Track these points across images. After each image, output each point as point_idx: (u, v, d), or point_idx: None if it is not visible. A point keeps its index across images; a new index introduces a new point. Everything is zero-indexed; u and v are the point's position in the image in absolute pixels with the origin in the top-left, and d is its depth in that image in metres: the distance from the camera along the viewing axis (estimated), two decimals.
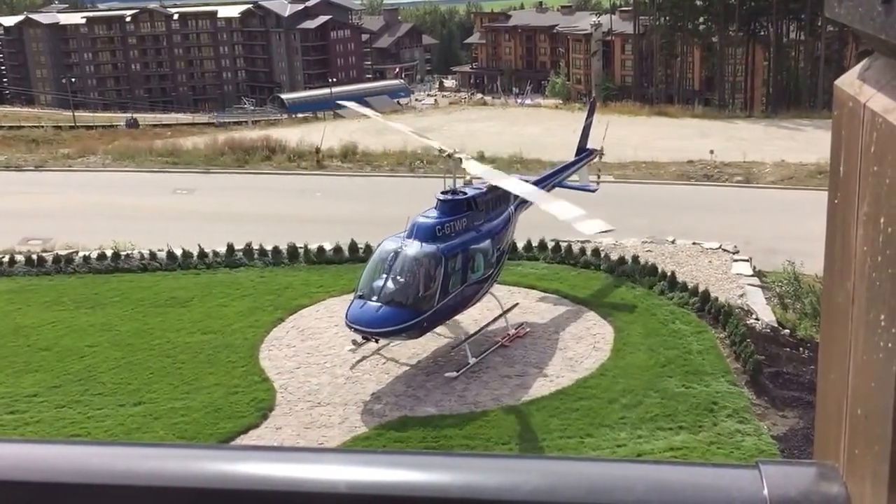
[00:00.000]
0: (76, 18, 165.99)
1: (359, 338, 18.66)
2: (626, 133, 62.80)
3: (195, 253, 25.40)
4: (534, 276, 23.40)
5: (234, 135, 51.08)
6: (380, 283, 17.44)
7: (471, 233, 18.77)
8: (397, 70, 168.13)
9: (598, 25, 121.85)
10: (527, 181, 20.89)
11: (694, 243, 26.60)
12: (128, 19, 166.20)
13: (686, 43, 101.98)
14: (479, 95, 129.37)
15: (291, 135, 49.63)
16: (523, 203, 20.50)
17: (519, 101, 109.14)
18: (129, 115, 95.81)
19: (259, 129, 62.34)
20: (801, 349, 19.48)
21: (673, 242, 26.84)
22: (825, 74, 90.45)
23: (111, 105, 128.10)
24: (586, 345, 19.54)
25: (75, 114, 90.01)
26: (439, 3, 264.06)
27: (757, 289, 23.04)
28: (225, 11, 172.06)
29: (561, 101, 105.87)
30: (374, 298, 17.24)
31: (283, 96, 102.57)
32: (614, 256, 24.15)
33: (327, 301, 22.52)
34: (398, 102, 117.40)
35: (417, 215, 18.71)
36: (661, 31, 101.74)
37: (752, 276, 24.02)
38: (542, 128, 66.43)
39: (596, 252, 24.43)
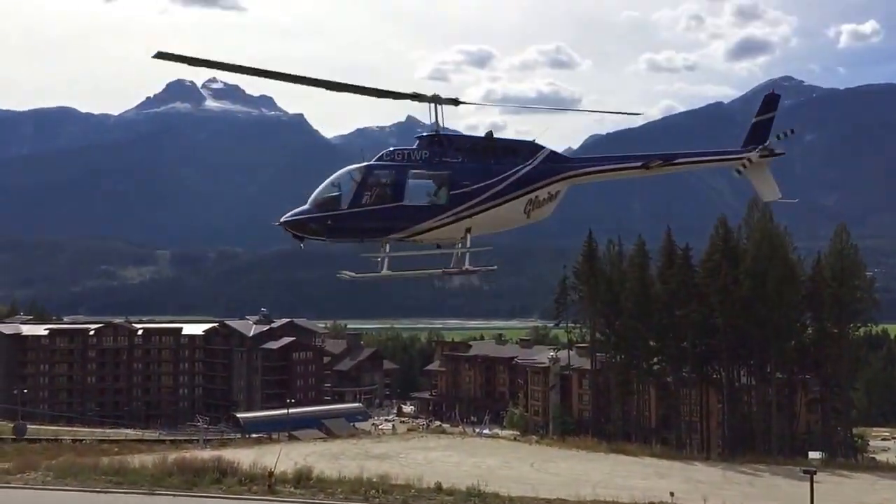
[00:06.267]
0: (39, 330, 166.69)
1: None
2: (586, 469, 62.06)
3: None
4: None
5: (185, 454, 49.50)
6: None
7: None
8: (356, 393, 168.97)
9: (557, 360, 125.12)
10: None
11: None
12: (91, 332, 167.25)
13: (642, 381, 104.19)
14: (438, 423, 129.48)
15: (244, 456, 48.22)
16: None
17: (477, 430, 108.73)
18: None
19: (212, 448, 60.71)
20: None
21: None
22: (778, 421, 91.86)
23: (59, 418, 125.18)
24: None
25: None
26: (401, 329, 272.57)
27: None
28: (190, 329, 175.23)
29: (519, 433, 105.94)
30: None
31: (240, 415, 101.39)
32: None
33: None
34: (354, 426, 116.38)
35: None
36: (616, 368, 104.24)
37: None
38: (501, 460, 65.41)
39: None
